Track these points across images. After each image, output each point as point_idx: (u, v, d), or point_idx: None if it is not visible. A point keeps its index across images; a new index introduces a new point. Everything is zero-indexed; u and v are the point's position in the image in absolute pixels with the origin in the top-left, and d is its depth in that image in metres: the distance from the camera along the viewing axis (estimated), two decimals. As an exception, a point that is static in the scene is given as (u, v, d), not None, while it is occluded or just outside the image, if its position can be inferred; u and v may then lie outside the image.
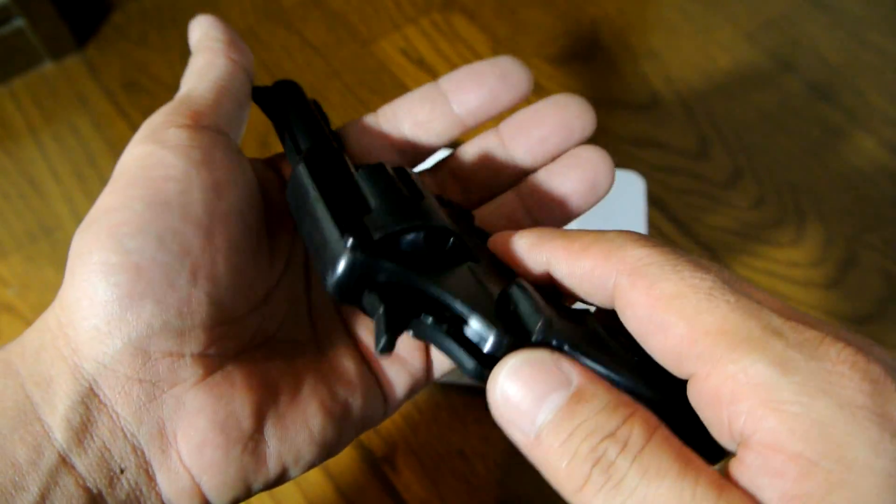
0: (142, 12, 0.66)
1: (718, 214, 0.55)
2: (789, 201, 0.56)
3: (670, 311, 0.17)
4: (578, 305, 0.21)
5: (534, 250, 0.21)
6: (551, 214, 0.27)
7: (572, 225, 0.52)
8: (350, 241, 0.19)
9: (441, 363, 0.25)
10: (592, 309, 0.21)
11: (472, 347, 0.19)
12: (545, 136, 0.28)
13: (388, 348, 0.19)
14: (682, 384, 0.18)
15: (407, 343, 0.25)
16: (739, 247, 0.53)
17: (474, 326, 0.19)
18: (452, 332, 0.19)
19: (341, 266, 0.19)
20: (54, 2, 0.60)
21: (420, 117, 0.28)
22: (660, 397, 0.18)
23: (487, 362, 0.18)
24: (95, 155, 0.58)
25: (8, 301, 0.51)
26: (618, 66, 0.64)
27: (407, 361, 0.25)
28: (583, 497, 0.16)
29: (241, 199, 0.23)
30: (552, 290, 0.21)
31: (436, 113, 0.28)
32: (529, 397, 0.17)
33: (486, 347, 0.19)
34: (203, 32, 0.26)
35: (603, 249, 0.19)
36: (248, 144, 0.58)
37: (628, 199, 0.50)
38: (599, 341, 0.19)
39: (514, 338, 0.18)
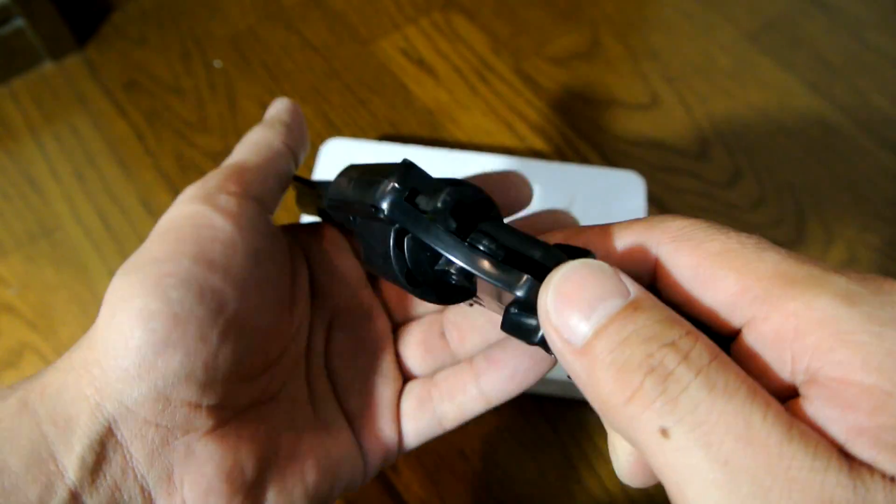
0: (142, 12, 0.66)
1: (718, 214, 0.55)
2: (789, 201, 0.56)
3: (719, 265, 0.17)
4: None
5: (572, 237, 0.21)
6: None
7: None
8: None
9: (413, 435, 0.26)
10: None
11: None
12: None
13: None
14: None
15: (384, 416, 0.26)
16: (739, 247, 0.53)
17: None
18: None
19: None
20: (54, 2, 0.60)
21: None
22: None
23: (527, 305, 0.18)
24: (95, 155, 0.58)
25: (8, 301, 0.51)
26: (618, 66, 0.64)
27: (383, 433, 0.26)
28: (630, 410, 0.14)
29: (275, 267, 0.24)
30: None
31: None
32: (583, 300, 0.16)
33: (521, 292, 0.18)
34: (276, 112, 0.28)
35: (643, 224, 0.19)
36: (248, 144, 0.58)
37: (628, 199, 0.50)
38: None
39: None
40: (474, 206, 0.21)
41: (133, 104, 0.60)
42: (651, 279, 0.19)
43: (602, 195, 0.50)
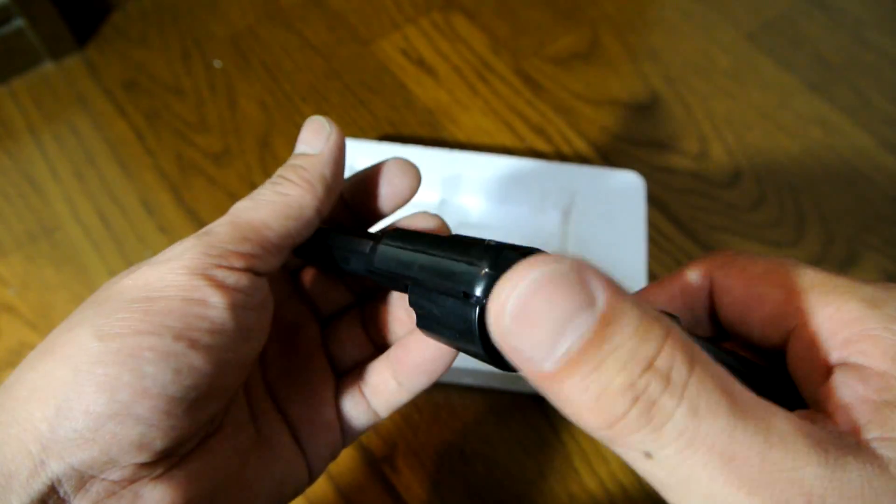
0: (142, 12, 0.66)
1: (718, 214, 0.55)
2: (789, 201, 0.56)
3: (765, 284, 0.20)
4: None
5: (646, 294, 0.23)
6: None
7: (572, 224, 0.52)
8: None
9: (352, 431, 0.27)
10: None
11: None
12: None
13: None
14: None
15: (326, 420, 0.27)
16: (739, 247, 0.53)
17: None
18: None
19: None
20: (54, 2, 0.60)
21: None
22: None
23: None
24: (95, 155, 0.58)
25: (8, 301, 0.51)
26: (618, 66, 0.64)
27: (327, 436, 0.26)
28: (614, 434, 0.14)
29: (261, 339, 0.23)
30: None
31: None
32: (548, 323, 0.14)
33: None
34: (323, 161, 0.25)
35: (694, 263, 0.22)
36: (249, 144, 0.58)
37: (628, 199, 0.50)
38: None
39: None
40: None
41: (133, 104, 0.60)
42: (709, 301, 0.22)
43: (602, 195, 0.50)
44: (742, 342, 0.22)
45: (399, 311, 0.28)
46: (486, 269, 0.20)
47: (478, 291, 0.20)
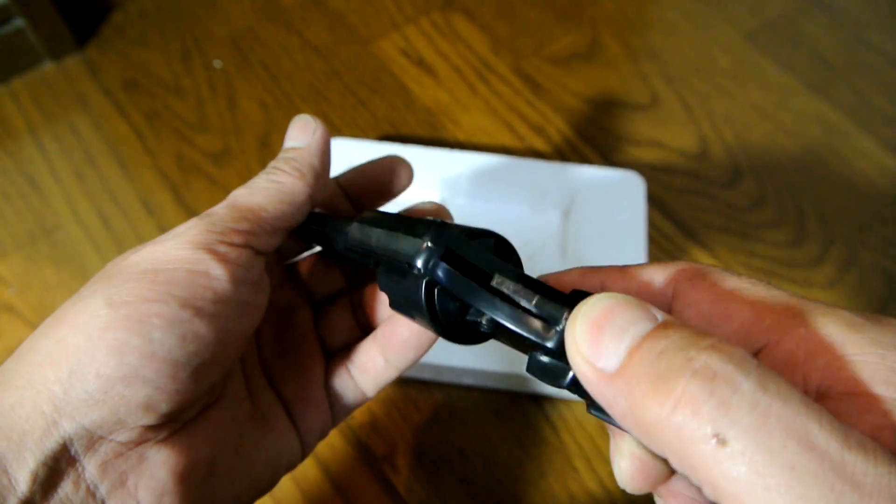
0: (142, 12, 0.66)
1: (718, 214, 0.55)
2: (789, 201, 0.56)
3: (734, 300, 0.18)
4: None
5: (587, 276, 0.22)
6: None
7: (572, 224, 0.52)
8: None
9: (341, 409, 0.29)
10: None
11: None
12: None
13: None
14: None
15: (316, 398, 0.28)
16: (739, 247, 0.53)
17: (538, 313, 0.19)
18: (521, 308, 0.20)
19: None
20: (54, 2, 0.60)
21: None
22: None
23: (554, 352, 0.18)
24: (95, 155, 0.58)
25: (8, 301, 0.51)
26: (618, 66, 0.64)
27: (317, 413, 0.28)
28: (676, 420, 0.13)
29: (257, 314, 0.25)
30: None
31: None
32: (614, 326, 0.15)
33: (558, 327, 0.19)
34: (311, 152, 0.27)
35: (659, 266, 0.20)
36: (249, 144, 0.58)
37: (628, 199, 0.50)
38: None
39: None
40: (498, 253, 0.23)
41: (133, 104, 0.60)
42: (668, 311, 0.19)
43: (602, 195, 0.50)
44: None
45: (383, 296, 0.29)
46: (428, 244, 0.21)
47: (419, 263, 0.21)
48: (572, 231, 0.49)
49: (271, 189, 0.26)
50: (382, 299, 0.29)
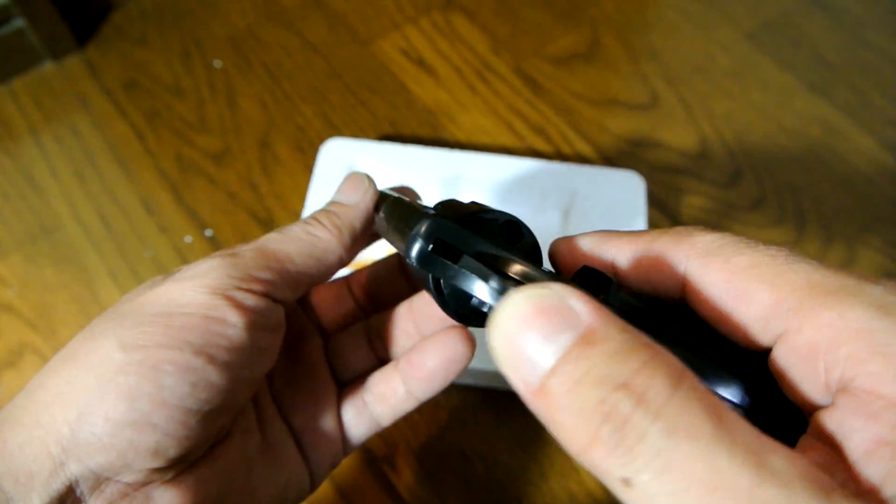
0: (142, 12, 0.66)
1: (718, 214, 0.55)
2: (789, 201, 0.56)
3: (751, 280, 0.16)
4: None
5: (599, 246, 0.21)
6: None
7: (572, 224, 0.52)
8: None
9: (355, 439, 0.28)
10: None
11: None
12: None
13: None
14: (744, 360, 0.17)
15: (329, 428, 0.28)
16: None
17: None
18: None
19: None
20: (54, 2, 0.60)
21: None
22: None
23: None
24: (95, 155, 0.58)
25: (8, 301, 0.51)
26: (618, 66, 0.64)
27: (329, 443, 0.28)
28: (591, 457, 0.14)
29: (272, 357, 0.24)
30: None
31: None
32: (532, 340, 0.15)
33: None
34: (354, 213, 0.27)
35: (671, 238, 0.18)
36: (249, 144, 0.58)
37: (628, 199, 0.50)
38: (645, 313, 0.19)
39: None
40: (504, 232, 0.23)
41: (133, 104, 0.60)
42: (680, 294, 0.19)
43: (602, 195, 0.50)
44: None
45: (407, 323, 0.29)
46: (420, 238, 0.21)
47: (412, 257, 0.21)
48: (572, 231, 0.49)
49: (304, 241, 0.25)
50: (402, 328, 0.29)
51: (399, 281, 0.31)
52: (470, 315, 0.22)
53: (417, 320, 0.28)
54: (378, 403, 0.28)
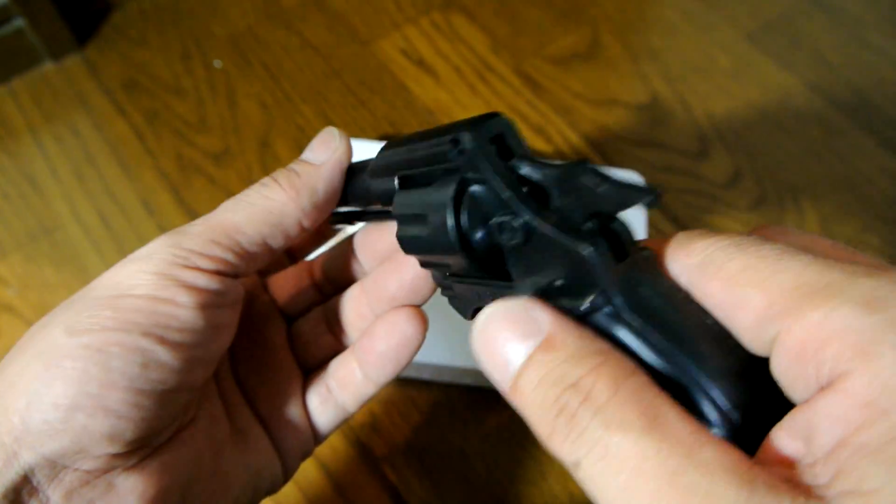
0: (142, 12, 0.66)
1: (718, 214, 0.55)
2: (789, 201, 0.56)
3: (743, 285, 0.17)
4: None
5: None
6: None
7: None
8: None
9: (324, 426, 0.28)
10: None
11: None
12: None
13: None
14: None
15: (295, 415, 0.27)
16: (739, 247, 0.53)
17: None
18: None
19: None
20: (54, 2, 0.60)
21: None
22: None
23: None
24: (95, 155, 0.58)
25: (8, 301, 0.51)
26: (618, 66, 0.64)
27: (298, 431, 0.27)
28: (552, 445, 0.17)
29: (229, 334, 0.24)
30: None
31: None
32: (504, 346, 0.18)
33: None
34: (311, 171, 0.25)
35: (672, 248, 0.19)
36: (249, 144, 0.58)
37: (628, 199, 0.50)
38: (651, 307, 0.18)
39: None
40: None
41: (133, 104, 0.60)
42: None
43: (602, 195, 0.50)
44: None
45: (361, 305, 0.28)
46: (475, 130, 0.20)
47: (465, 142, 0.20)
48: (572, 231, 0.49)
49: (258, 207, 0.23)
50: (358, 312, 0.28)
51: (355, 262, 0.29)
52: (481, 246, 0.21)
53: (370, 301, 0.27)
54: (341, 391, 0.27)
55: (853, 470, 0.13)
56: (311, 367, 0.29)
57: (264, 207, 0.24)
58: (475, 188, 0.20)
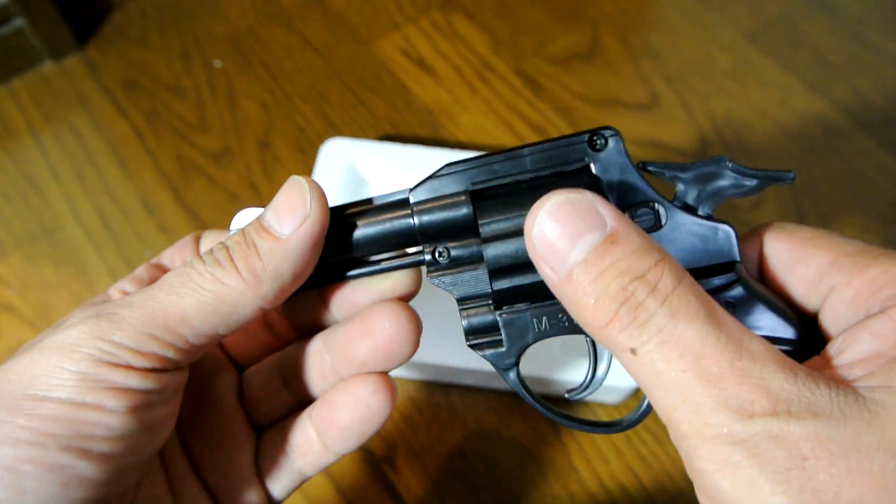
0: (142, 12, 0.66)
1: (718, 214, 0.55)
2: (789, 201, 0.56)
3: (811, 246, 0.21)
4: None
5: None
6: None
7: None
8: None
9: (279, 491, 0.25)
10: None
11: None
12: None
13: None
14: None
15: (247, 484, 0.25)
16: (739, 247, 0.53)
17: None
18: None
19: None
20: (54, 2, 0.60)
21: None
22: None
23: None
24: (95, 155, 0.58)
25: (8, 301, 0.51)
26: (618, 66, 0.64)
27: (251, 495, 0.25)
28: (607, 332, 0.18)
29: (169, 431, 0.22)
30: None
31: None
32: (565, 236, 0.18)
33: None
34: (291, 238, 0.20)
35: (749, 233, 0.23)
36: (249, 144, 0.58)
37: (628, 199, 0.50)
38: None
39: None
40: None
41: (133, 104, 0.60)
42: (759, 259, 0.23)
43: (602, 195, 0.50)
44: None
45: (322, 363, 0.25)
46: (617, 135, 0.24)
47: (608, 133, 0.24)
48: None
49: (207, 294, 0.20)
50: (315, 367, 0.25)
51: (318, 305, 0.25)
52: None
53: (335, 361, 0.24)
54: (298, 458, 0.25)
55: (886, 372, 0.16)
56: (264, 425, 0.26)
57: (217, 295, 0.20)
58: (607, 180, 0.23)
